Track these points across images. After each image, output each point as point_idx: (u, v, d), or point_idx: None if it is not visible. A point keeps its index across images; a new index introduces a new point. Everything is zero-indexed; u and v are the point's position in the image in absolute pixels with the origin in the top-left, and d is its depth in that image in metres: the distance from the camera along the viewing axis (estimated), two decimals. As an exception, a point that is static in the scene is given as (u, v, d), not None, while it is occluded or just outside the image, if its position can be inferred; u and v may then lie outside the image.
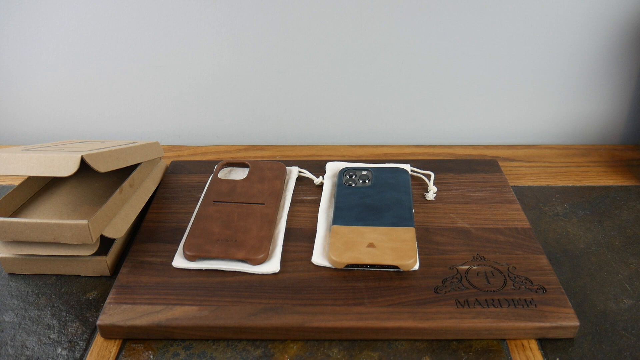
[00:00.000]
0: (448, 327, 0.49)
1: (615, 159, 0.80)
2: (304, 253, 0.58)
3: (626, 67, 0.81)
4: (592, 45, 0.79)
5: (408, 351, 0.49)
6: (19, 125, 0.89)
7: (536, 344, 0.50)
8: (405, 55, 0.80)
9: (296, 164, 0.75)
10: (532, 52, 0.79)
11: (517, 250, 0.58)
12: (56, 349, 0.51)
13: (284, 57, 0.81)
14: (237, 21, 0.78)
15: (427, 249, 0.58)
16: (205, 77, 0.83)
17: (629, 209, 0.68)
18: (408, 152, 0.83)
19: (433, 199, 0.67)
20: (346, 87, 0.83)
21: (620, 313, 0.53)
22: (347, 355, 0.49)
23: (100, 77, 0.83)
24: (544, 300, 0.51)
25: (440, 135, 0.87)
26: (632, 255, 0.61)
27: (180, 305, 0.52)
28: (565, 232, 0.64)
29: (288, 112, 0.86)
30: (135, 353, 0.50)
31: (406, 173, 0.70)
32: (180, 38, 0.79)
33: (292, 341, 0.51)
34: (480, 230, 0.61)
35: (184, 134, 0.88)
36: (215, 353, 0.50)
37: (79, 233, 0.54)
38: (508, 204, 0.66)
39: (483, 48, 0.79)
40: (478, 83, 0.82)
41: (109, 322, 0.50)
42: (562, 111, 0.85)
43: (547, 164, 0.79)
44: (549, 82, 0.82)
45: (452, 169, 0.74)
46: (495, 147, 0.84)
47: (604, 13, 0.76)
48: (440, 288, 0.53)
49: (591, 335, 0.51)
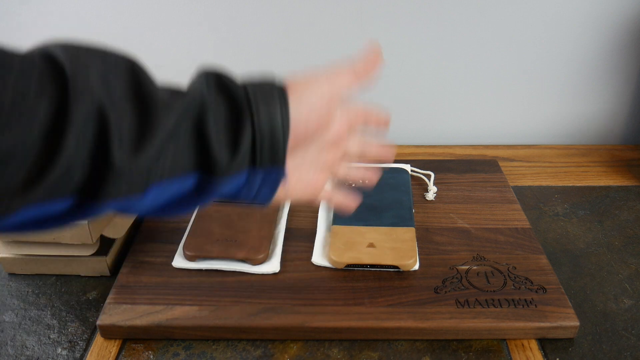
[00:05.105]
0: (448, 327, 0.49)
1: (615, 159, 0.80)
2: (304, 253, 0.58)
3: (626, 67, 0.80)
4: (592, 45, 0.79)
5: (408, 351, 0.49)
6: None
7: (536, 344, 0.50)
8: (405, 55, 0.80)
9: (296, 164, 0.75)
10: (532, 52, 0.79)
11: (517, 250, 0.58)
12: (56, 349, 0.51)
13: (284, 57, 0.80)
14: (237, 21, 0.78)
15: (427, 249, 0.58)
16: (205, 77, 0.83)
17: (629, 209, 0.68)
18: (408, 152, 0.83)
19: (433, 199, 0.67)
20: (346, 87, 0.83)
21: (620, 313, 0.53)
22: (347, 355, 0.49)
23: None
24: (544, 300, 0.51)
25: (440, 135, 0.87)
26: (632, 255, 0.61)
27: (180, 305, 0.52)
28: (565, 232, 0.64)
29: (288, 112, 0.86)
30: (135, 353, 0.50)
31: (406, 173, 0.70)
32: (180, 38, 0.79)
33: (292, 341, 0.51)
34: (480, 230, 0.61)
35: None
36: (215, 353, 0.50)
37: (79, 233, 0.54)
38: (508, 204, 0.66)
39: (483, 48, 0.79)
40: (478, 83, 0.82)
41: (109, 322, 0.50)
42: (562, 111, 0.85)
43: (547, 164, 0.79)
44: (549, 82, 0.82)
45: (452, 169, 0.74)
46: (495, 147, 0.84)
47: (604, 13, 0.76)
48: (440, 288, 0.53)
49: (591, 335, 0.51)
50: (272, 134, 0.36)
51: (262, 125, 0.36)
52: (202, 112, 0.34)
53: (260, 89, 0.37)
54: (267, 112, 0.36)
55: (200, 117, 0.34)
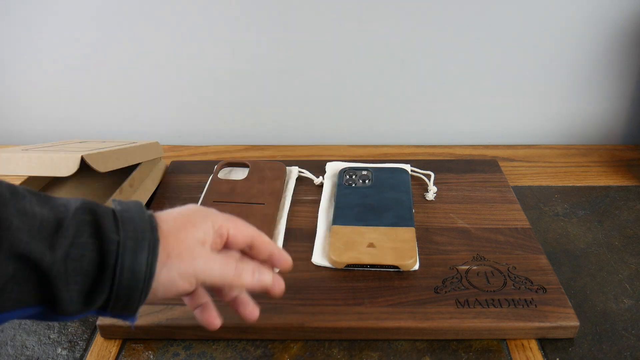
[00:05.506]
0: (448, 327, 0.49)
1: (615, 159, 0.80)
2: (304, 253, 0.58)
3: (626, 67, 0.80)
4: (592, 45, 0.79)
5: (408, 351, 0.49)
6: (19, 126, 0.89)
7: (536, 344, 0.50)
8: (405, 55, 0.80)
9: (296, 164, 0.75)
10: (532, 52, 0.79)
11: (517, 250, 0.58)
12: (56, 349, 0.51)
13: (284, 57, 0.80)
14: (237, 21, 0.78)
15: (427, 249, 0.58)
16: (206, 77, 0.83)
17: (629, 209, 0.68)
18: (408, 152, 0.83)
19: (433, 199, 0.67)
20: (346, 87, 0.83)
21: (620, 313, 0.53)
22: (347, 355, 0.49)
23: (100, 77, 0.83)
24: (544, 300, 0.51)
25: (440, 135, 0.87)
26: (632, 255, 0.61)
27: (180, 305, 0.52)
28: (565, 232, 0.64)
29: (288, 112, 0.86)
30: (135, 353, 0.50)
31: (406, 173, 0.70)
32: (180, 38, 0.79)
33: (292, 341, 0.51)
34: (480, 230, 0.61)
35: (184, 134, 0.88)
36: (215, 353, 0.50)
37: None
38: (508, 204, 0.66)
39: (483, 48, 0.79)
40: (478, 83, 0.82)
41: (109, 322, 0.50)
42: (562, 111, 0.85)
43: (547, 164, 0.79)
44: (549, 82, 0.82)
45: (452, 169, 0.74)
46: (495, 147, 0.84)
47: (604, 13, 0.76)
48: (440, 288, 0.53)
49: (591, 335, 0.51)
50: (128, 295, 0.35)
51: (121, 285, 0.34)
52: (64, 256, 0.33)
53: (133, 237, 0.35)
54: (130, 269, 0.34)
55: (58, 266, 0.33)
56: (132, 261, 0.35)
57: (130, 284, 0.35)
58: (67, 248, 0.33)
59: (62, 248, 0.33)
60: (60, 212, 0.34)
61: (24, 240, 0.31)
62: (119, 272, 0.34)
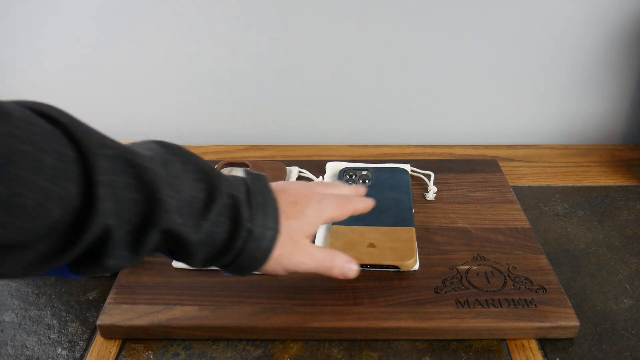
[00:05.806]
0: (448, 327, 0.49)
1: (615, 159, 0.80)
2: (304, 253, 0.58)
3: (626, 67, 0.80)
4: (592, 45, 0.79)
5: (408, 351, 0.49)
6: (19, 125, 0.88)
7: (536, 344, 0.50)
8: (405, 55, 0.80)
9: (296, 164, 0.75)
10: (532, 52, 0.79)
11: (517, 250, 0.58)
12: (56, 349, 0.51)
13: (284, 57, 0.80)
14: (237, 21, 0.78)
15: (427, 249, 0.58)
16: (205, 77, 0.83)
17: (629, 209, 0.68)
18: (408, 152, 0.83)
19: (433, 199, 0.67)
20: (346, 87, 0.83)
21: (620, 313, 0.53)
22: (347, 355, 0.49)
23: (100, 77, 0.83)
24: (544, 300, 0.51)
25: (440, 135, 0.87)
26: (632, 255, 0.61)
27: (180, 305, 0.52)
28: (565, 232, 0.64)
29: (288, 112, 0.86)
30: (135, 353, 0.50)
31: (406, 173, 0.70)
32: (180, 38, 0.79)
33: (292, 341, 0.51)
34: (480, 230, 0.61)
35: (184, 134, 0.88)
36: (215, 353, 0.50)
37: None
38: (508, 204, 0.66)
39: (483, 48, 0.79)
40: (478, 83, 0.82)
41: (109, 322, 0.50)
42: (562, 111, 0.85)
43: (547, 164, 0.79)
44: (549, 82, 0.82)
45: (452, 169, 0.74)
46: (495, 147, 0.84)
47: (604, 13, 0.76)
48: (440, 288, 0.53)
49: (591, 335, 0.51)
50: (240, 269, 0.43)
51: (238, 264, 0.42)
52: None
53: (262, 225, 0.42)
54: (251, 255, 0.42)
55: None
56: (254, 248, 0.41)
57: (246, 264, 0.42)
58: (209, 228, 0.39)
59: (204, 228, 0.39)
60: (210, 193, 0.40)
61: (177, 222, 0.37)
62: (242, 254, 0.41)
